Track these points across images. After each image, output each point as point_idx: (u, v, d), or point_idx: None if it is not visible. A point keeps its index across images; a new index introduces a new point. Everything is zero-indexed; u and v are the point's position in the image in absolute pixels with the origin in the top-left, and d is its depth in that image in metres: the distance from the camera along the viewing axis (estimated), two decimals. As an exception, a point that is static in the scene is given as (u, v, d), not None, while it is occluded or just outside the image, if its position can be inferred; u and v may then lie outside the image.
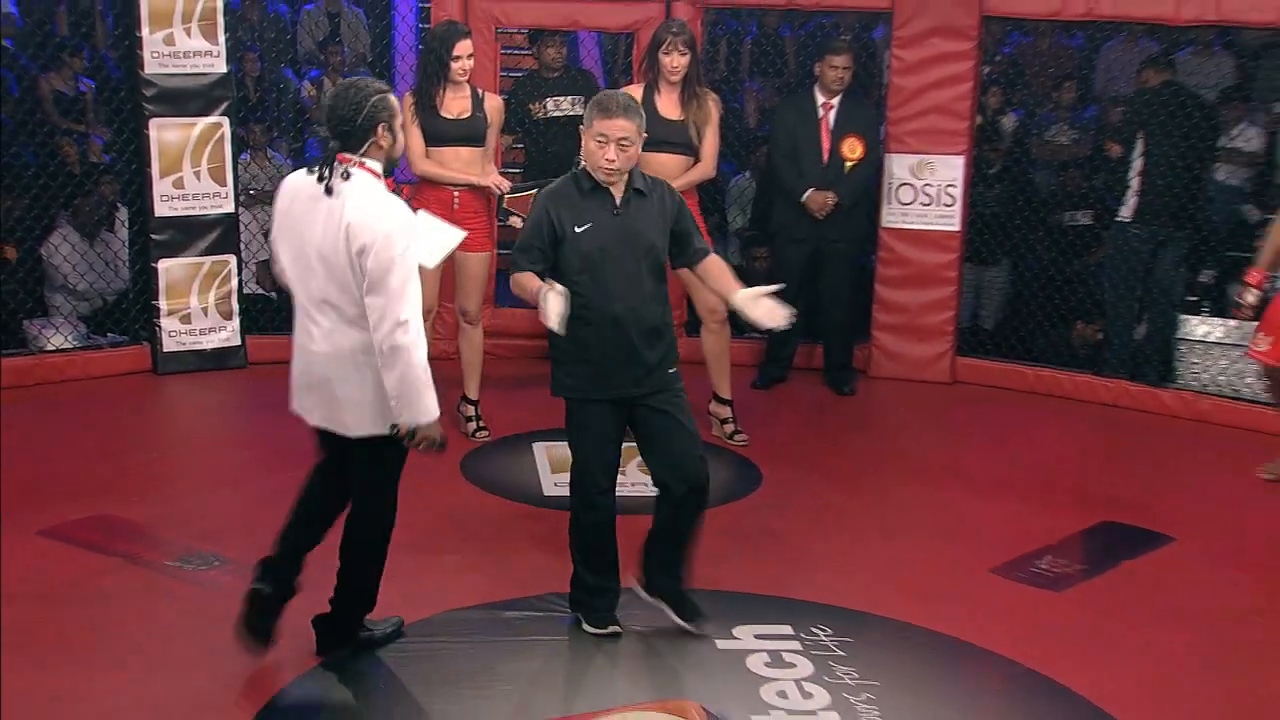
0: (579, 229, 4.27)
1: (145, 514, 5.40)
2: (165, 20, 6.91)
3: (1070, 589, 5.06)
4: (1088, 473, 6.31)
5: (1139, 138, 7.01)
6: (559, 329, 4.09)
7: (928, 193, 7.30)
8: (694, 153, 6.16)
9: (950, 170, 7.26)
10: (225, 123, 7.15)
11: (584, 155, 4.32)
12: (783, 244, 7.17)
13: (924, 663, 4.47)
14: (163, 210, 7.09)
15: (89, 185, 7.43)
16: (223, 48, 7.06)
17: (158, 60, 6.95)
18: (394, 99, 4.04)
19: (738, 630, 4.55)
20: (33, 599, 4.65)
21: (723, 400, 6.46)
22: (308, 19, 9.43)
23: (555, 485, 5.77)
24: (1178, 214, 6.95)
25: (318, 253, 3.96)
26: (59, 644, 4.38)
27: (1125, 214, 7.07)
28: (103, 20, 8.11)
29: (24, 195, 7.23)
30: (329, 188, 3.93)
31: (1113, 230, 7.20)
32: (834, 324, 7.18)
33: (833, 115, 7.01)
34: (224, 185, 7.21)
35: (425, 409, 3.95)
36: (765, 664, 4.39)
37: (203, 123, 7.08)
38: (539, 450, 6.22)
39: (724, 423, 6.44)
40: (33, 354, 7.10)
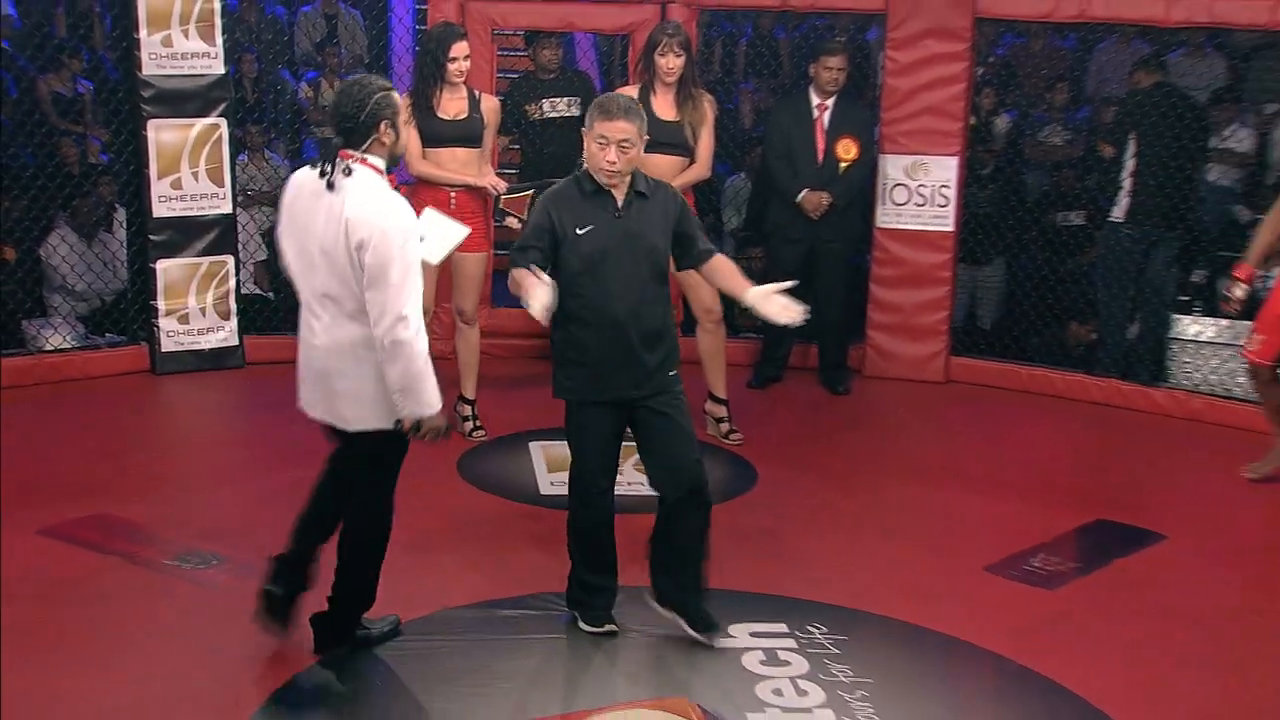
0: (580, 231, 4.27)
1: (144, 513, 5.41)
2: (163, 22, 6.92)
3: (1063, 587, 5.08)
4: (1081, 471, 6.34)
5: (1131, 139, 7.03)
6: (542, 319, 4.09)
7: (922, 193, 7.33)
8: (689, 154, 6.18)
9: (944, 171, 7.28)
10: (223, 124, 7.17)
11: (586, 157, 4.33)
12: (778, 244, 7.19)
13: (918, 660, 4.50)
14: (161, 211, 7.11)
15: (87, 186, 7.45)
16: (220, 49, 7.08)
17: (155, 62, 6.96)
18: (397, 96, 4.07)
19: (733, 628, 4.57)
20: (32, 598, 4.66)
21: (718, 399, 6.47)
22: (305, 20, 9.43)
23: (552, 484, 5.79)
24: (1170, 214, 6.96)
25: (320, 247, 3.99)
26: (59, 643, 4.39)
27: (1117, 214, 7.09)
28: (101, 22, 8.11)
29: (22, 196, 7.24)
30: (331, 183, 3.96)
31: (1105, 230, 7.21)
32: (829, 324, 7.18)
33: (827, 116, 7.04)
34: (222, 186, 7.22)
35: (429, 401, 3.99)
36: (761, 662, 4.41)
37: (200, 124, 7.10)
38: (536, 449, 6.24)
39: (719, 422, 6.47)
40: (31, 354, 7.11)
